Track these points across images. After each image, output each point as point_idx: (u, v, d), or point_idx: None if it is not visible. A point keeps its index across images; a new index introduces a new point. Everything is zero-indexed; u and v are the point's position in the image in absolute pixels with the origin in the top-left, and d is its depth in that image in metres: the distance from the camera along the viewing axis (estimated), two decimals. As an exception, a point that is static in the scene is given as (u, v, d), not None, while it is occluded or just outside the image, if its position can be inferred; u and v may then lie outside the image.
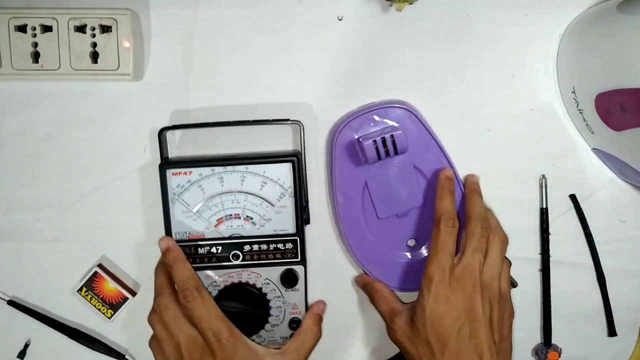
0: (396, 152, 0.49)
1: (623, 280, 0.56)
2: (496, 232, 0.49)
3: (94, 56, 0.50)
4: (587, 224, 0.55)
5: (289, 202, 0.51)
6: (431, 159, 0.52)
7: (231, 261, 0.51)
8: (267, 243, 0.51)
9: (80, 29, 0.49)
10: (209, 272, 0.51)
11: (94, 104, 0.53)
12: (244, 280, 0.51)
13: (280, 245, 0.51)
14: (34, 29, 0.49)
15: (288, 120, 0.51)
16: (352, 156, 0.51)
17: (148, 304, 0.55)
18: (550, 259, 0.55)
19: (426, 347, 0.46)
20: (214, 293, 0.51)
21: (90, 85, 0.52)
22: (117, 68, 0.50)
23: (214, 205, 0.51)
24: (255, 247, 0.51)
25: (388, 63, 0.53)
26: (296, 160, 0.50)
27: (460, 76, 0.53)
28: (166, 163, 0.51)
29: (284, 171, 0.50)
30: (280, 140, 0.53)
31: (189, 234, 0.51)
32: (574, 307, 0.56)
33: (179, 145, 0.53)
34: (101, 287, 0.54)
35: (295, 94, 0.53)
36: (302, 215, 0.51)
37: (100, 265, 0.54)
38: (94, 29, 0.49)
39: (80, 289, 0.54)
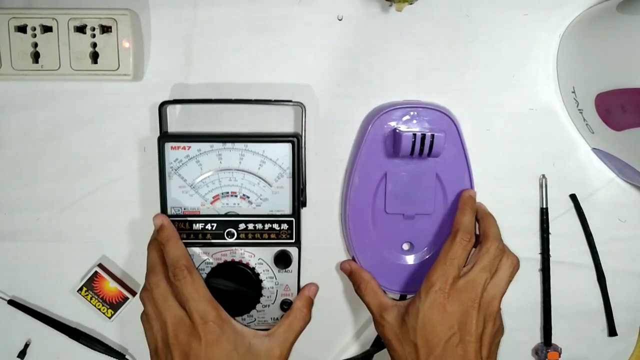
0: (429, 154, 0.49)
1: (623, 280, 0.56)
2: (510, 255, 0.49)
3: (94, 56, 0.50)
4: (587, 224, 0.55)
5: (286, 183, 0.51)
6: (456, 175, 0.52)
7: (225, 239, 0.51)
8: (263, 222, 0.51)
9: (80, 29, 0.49)
10: (203, 249, 0.51)
11: (94, 104, 0.53)
12: (237, 259, 0.51)
13: (275, 226, 0.51)
14: (34, 29, 0.49)
15: (290, 101, 0.51)
16: (382, 144, 0.51)
17: (148, 304, 0.55)
18: (550, 259, 0.55)
19: (412, 349, 0.46)
20: (207, 270, 0.51)
21: (90, 85, 0.52)
22: (117, 68, 0.50)
23: (211, 182, 0.50)
24: (251, 226, 0.51)
25: (388, 63, 0.53)
26: (296, 141, 0.50)
27: (461, 76, 0.53)
28: (165, 136, 0.50)
29: (283, 151, 0.50)
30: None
31: (185, 209, 0.51)
32: (574, 307, 0.56)
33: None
34: (101, 287, 0.54)
35: (294, 94, 0.53)
36: (299, 196, 0.51)
37: (100, 265, 0.54)
38: (94, 29, 0.49)
39: (81, 289, 0.54)
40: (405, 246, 0.54)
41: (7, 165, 0.53)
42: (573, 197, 0.55)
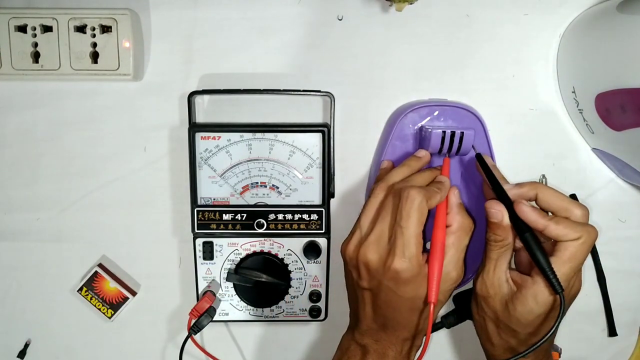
0: (458, 151, 0.49)
1: (623, 280, 0.56)
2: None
3: (94, 56, 0.50)
4: (587, 223, 0.55)
5: (316, 173, 0.51)
6: (480, 176, 0.51)
7: (255, 229, 0.51)
8: (292, 213, 0.51)
9: (80, 29, 0.49)
10: (232, 240, 0.51)
11: (94, 104, 0.53)
12: (266, 250, 0.51)
13: (305, 216, 0.51)
14: (34, 29, 0.49)
15: (319, 91, 0.51)
16: (408, 142, 0.51)
17: (148, 303, 0.55)
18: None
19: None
20: (236, 261, 0.51)
21: (90, 85, 0.52)
22: (117, 68, 0.50)
23: (240, 172, 0.51)
24: (280, 216, 0.51)
25: (388, 63, 0.53)
26: (326, 131, 0.50)
27: (460, 76, 0.53)
28: (195, 126, 0.50)
29: (313, 141, 0.50)
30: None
31: (214, 199, 0.51)
32: (574, 307, 0.55)
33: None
34: (101, 287, 0.54)
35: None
36: (329, 186, 0.51)
37: (100, 265, 0.54)
38: (94, 29, 0.49)
39: (81, 289, 0.54)
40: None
41: (7, 165, 0.53)
42: (573, 197, 0.54)
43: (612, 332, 0.56)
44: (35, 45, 0.49)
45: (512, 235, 0.45)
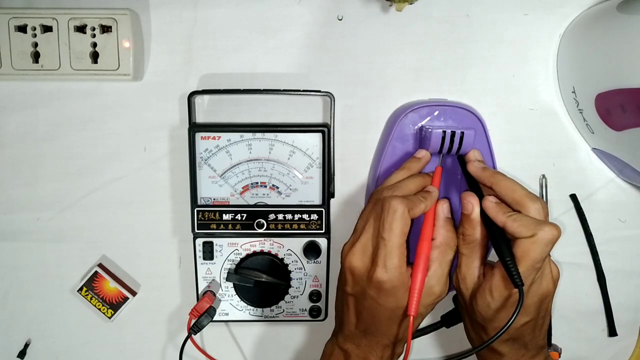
0: (458, 151, 0.49)
1: (623, 280, 0.56)
2: None
3: (94, 56, 0.50)
4: (587, 223, 0.55)
5: (316, 173, 0.51)
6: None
7: (255, 229, 0.51)
8: (292, 213, 0.51)
9: (80, 29, 0.49)
10: (232, 240, 0.51)
11: (94, 104, 0.53)
12: (266, 250, 0.51)
13: (305, 216, 0.51)
14: (34, 29, 0.49)
15: (319, 91, 0.51)
16: (408, 141, 0.51)
17: (148, 303, 0.55)
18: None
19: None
20: (236, 261, 0.51)
21: (90, 85, 0.52)
22: (117, 68, 0.50)
23: (240, 172, 0.51)
24: (280, 216, 0.51)
25: (388, 63, 0.53)
26: (326, 131, 0.50)
27: (460, 76, 0.53)
28: (195, 126, 0.50)
29: (313, 141, 0.50)
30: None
31: (214, 199, 0.51)
32: (574, 307, 0.56)
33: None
34: (101, 287, 0.54)
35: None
36: (329, 187, 0.51)
37: (100, 265, 0.54)
38: (94, 29, 0.49)
39: (81, 289, 0.54)
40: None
41: (7, 165, 0.53)
42: (573, 197, 0.55)
43: (612, 332, 0.56)
44: (35, 45, 0.49)
45: (481, 233, 0.45)
